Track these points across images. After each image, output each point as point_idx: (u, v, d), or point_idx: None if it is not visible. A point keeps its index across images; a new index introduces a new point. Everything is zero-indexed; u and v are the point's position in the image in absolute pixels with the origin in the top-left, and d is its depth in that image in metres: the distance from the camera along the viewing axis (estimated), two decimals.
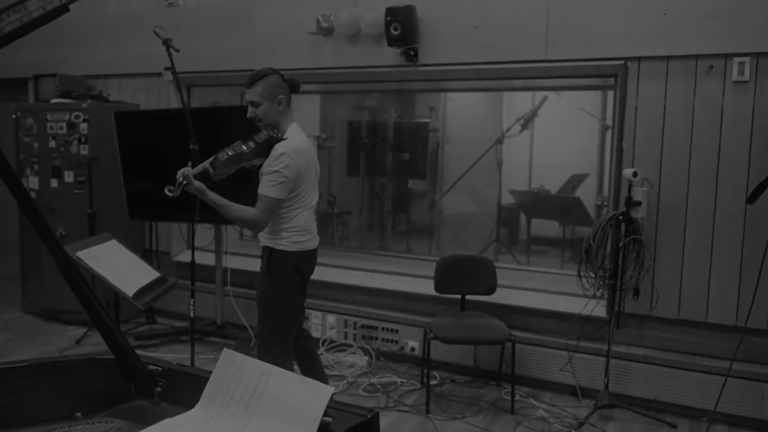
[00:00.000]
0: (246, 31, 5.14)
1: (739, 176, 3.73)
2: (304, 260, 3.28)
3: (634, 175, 3.76)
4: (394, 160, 6.11)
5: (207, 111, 5.29)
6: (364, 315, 4.79)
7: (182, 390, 1.34)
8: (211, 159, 2.99)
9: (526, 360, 4.23)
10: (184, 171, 2.92)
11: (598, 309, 4.06)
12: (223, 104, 5.66)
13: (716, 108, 3.76)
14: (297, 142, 3.17)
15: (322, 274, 4.58)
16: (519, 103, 6.15)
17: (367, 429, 1.18)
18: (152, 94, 5.68)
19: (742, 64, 3.67)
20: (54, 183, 5.40)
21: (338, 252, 5.54)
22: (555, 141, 5.98)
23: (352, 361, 4.62)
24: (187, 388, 1.30)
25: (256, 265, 3.33)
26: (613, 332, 3.92)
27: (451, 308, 4.37)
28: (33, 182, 5.47)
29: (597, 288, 3.98)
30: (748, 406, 3.69)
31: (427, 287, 4.42)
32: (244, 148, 3.03)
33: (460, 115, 6.45)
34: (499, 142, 5.92)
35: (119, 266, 3.46)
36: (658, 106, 3.90)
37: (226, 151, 3.00)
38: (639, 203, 3.79)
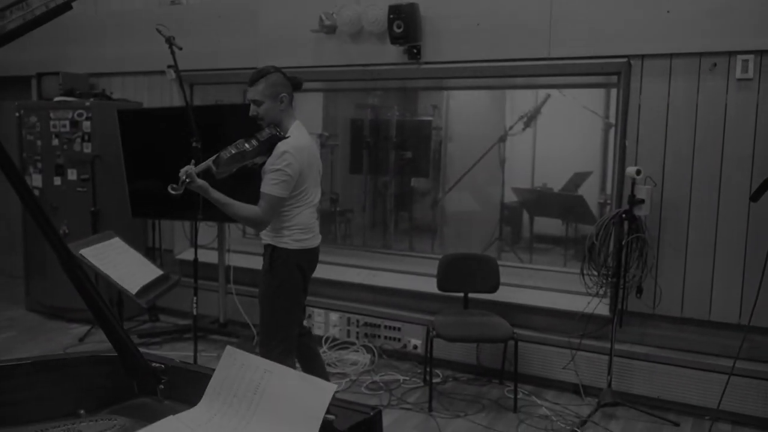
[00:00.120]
0: (248, 29, 5.13)
1: (743, 174, 3.72)
2: (306, 258, 3.28)
3: (638, 173, 3.76)
4: (397, 158, 6.10)
5: (209, 109, 5.29)
6: (366, 313, 4.80)
7: (185, 387, 1.34)
8: (214, 157, 3.00)
9: (529, 358, 4.23)
10: (187, 169, 2.94)
11: (601, 307, 4.06)
12: (225, 102, 5.66)
13: (720, 106, 3.75)
14: (299, 140, 3.17)
15: (325, 272, 4.59)
16: (522, 101, 6.12)
17: (370, 427, 1.18)
18: (155, 92, 5.69)
19: (745, 62, 3.65)
20: (57, 181, 5.41)
21: (341, 250, 5.53)
22: (558, 139, 5.96)
23: (354, 359, 4.63)
24: (190, 385, 1.30)
25: (259, 263, 3.34)
26: (616, 330, 3.91)
27: (454, 306, 4.37)
28: (36, 180, 5.48)
29: (600, 286, 3.98)
30: (751, 405, 3.68)
31: (430, 285, 4.42)
32: (247, 146, 3.04)
33: (463, 113, 6.43)
34: (502, 140, 5.90)
35: (122, 264, 3.47)
36: (661, 103, 3.89)
37: (229, 150, 3.01)
38: (642, 201, 3.78)
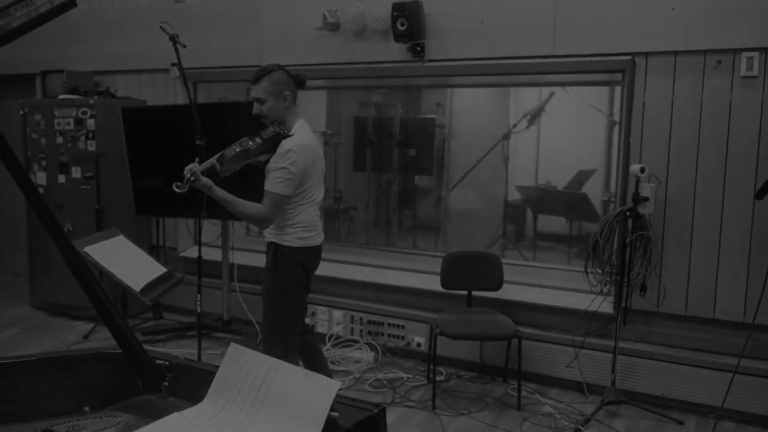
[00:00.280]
0: (252, 27, 5.13)
1: (747, 172, 3.71)
2: (309, 256, 3.28)
3: (642, 170, 3.75)
4: (401, 156, 6.09)
5: (213, 107, 5.30)
6: (370, 311, 4.80)
7: (189, 384, 1.34)
8: (219, 155, 3.01)
9: (533, 356, 4.23)
10: (191, 167, 2.95)
11: (604, 305, 4.05)
12: (229, 100, 5.66)
13: (724, 103, 3.74)
14: (303, 139, 3.17)
15: (329, 270, 4.60)
16: (526, 98, 6.12)
17: (374, 424, 1.18)
18: (159, 90, 5.70)
19: (750, 59, 3.64)
20: (61, 179, 5.41)
21: (345, 248, 5.53)
22: (562, 137, 5.95)
23: (358, 357, 4.63)
24: (195, 382, 1.30)
25: (263, 261, 3.34)
26: (620, 328, 3.91)
27: (458, 304, 4.36)
28: (41, 178, 5.49)
29: (604, 284, 3.97)
30: (755, 403, 3.67)
31: (434, 283, 4.42)
32: (251, 144, 3.04)
33: (467, 110, 6.43)
34: (506, 138, 5.89)
35: (126, 261, 3.48)
36: (665, 101, 3.88)
37: (233, 148, 3.02)
38: (646, 199, 3.78)
